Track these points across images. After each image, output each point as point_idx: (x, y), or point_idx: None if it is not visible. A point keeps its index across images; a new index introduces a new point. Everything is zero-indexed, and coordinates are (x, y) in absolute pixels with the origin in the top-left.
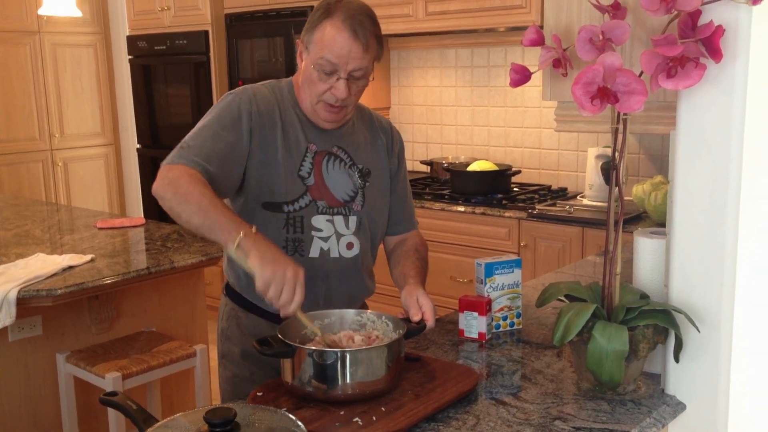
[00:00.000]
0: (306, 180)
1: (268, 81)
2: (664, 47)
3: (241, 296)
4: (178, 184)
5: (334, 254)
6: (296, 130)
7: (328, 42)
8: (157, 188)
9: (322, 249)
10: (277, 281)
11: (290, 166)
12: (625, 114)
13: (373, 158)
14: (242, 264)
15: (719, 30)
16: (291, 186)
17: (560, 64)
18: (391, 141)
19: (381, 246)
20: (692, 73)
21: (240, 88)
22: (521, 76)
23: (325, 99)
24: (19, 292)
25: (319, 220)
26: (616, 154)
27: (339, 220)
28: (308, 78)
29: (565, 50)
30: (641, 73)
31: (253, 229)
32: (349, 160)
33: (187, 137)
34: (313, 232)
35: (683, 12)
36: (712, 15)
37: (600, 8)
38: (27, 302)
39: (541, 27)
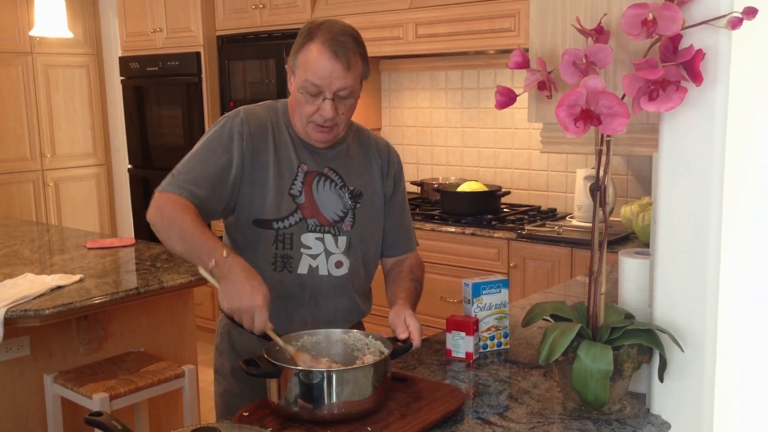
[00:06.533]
0: (297, 198)
1: (265, 102)
2: (645, 71)
3: None
4: (164, 212)
5: (322, 272)
6: (288, 150)
7: (311, 64)
8: (149, 215)
9: (310, 266)
10: (238, 312)
11: (281, 186)
12: (608, 136)
13: (366, 181)
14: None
15: (699, 54)
16: (281, 204)
17: (545, 86)
18: (387, 164)
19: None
20: (673, 96)
21: (233, 111)
22: (507, 98)
23: (314, 120)
24: (6, 312)
25: (308, 238)
26: (601, 175)
27: (329, 238)
28: (297, 101)
29: (549, 73)
30: (624, 95)
31: (224, 254)
32: (340, 181)
33: (178, 164)
34: (302, 249)
35: (664, 36)
36: (692, 39)
37: (583, 32)
38: (15, 322)
39: (527, 50)
